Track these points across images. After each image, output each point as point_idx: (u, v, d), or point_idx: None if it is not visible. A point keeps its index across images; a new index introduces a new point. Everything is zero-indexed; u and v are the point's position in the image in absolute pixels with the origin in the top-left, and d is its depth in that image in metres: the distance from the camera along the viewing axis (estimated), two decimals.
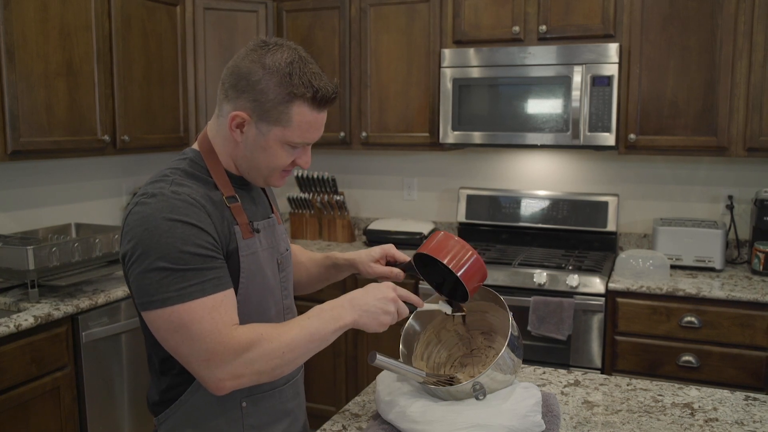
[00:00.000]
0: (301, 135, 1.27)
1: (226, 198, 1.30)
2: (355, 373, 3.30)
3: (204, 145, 1.34)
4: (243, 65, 1.25)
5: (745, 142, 2.79)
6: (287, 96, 1.23)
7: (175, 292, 1.15)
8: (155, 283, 1.16)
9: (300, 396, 1.48)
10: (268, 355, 1.18)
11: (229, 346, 1.16)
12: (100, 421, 2.54)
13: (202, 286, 1.17)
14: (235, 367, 1.16)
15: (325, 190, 3.69)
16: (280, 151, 1.28)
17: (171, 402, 1.33)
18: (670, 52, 2.85)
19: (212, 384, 1.17)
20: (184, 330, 1.16)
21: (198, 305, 1.16)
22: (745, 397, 1.61)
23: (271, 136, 1.26)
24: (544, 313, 2.79)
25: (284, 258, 1.43)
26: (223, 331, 1.16)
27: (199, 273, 1.17)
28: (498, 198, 3.46)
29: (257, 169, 1.31)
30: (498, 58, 3.04)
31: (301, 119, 1.26)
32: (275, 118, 1.25)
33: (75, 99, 2.73)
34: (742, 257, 3.13)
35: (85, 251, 2.63)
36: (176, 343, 1.17)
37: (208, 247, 1.20)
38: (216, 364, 1.16)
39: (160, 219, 1.17)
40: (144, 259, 1.16)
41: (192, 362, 1.17)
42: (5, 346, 2.18)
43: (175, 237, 1.16)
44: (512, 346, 1.35)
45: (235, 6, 3.40)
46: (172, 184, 1.24)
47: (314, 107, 1.26)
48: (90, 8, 2.76)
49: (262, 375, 1.20)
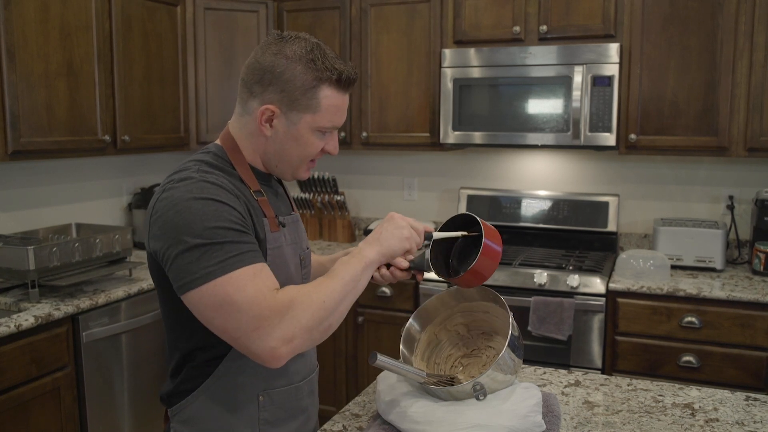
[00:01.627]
0: (331, 119, 1.30)
1: (253, 192, 1.30)
2: (356, 373, 3.30)
3: (227, 141, 1.34)
4: (264, 59, 1.27)
5: (746, 142, 2.79)
6: (314, 81, 1.25)
7: (216, 265, 1.14)
8: (195, 261, 1.15)
9: (315, 395, 1.49)
10: (311, 307, 1.17)
11: (275, 308, 1.15)
12: (100, 421, 2.54)
13: (241, 257, 1.17)
14: (285, 329, 1.15)
15: (325, 190, 3.69)
16: (311, 139, 1.30)
17: (186, 394, 1.32)
18: (670, 52, 2.85)
19: (267, 354, 1.15)
20: (229, 301, 1.14)
21: (240, 275, 1.15)
22: (746, 397, 1.61)
23: (302, 124, 1.28)
24: (544, 314, 2.79)
25: (306, 255, 1.45)
26: (268, 295, 1.16)
27: (236, 245, 1.17)
28: (498, 198, 3.46)
29: (288, 161, 1.33)
30: (498, 58, 3.04)
31: (329, 103, 1.28)
32: (305, 105, 1.26)
33: (75, 99, 2.73)
34: (742, 257, 3.13)
35: (86, 251, 2.63)
36: (223, 320, 1.15)
37: (241, 223, 1.20)
38: (266, 330, 1.14)
39: (190, 200, 1.18)
40: (179, 241, 1.16)
41: (241, 337, 1.15)
42: (5, 346, 2.18)
43: (207, 214, 1.16)
44: (513, 346, 1.35)
45: (235, 6, 3.40)
46: (199, 171, 1.24)
47: (340, 89, 1.29)
48: (90, 8, 2.76)
49: (313, 332, 1.18)
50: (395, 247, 1.32)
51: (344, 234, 3.71)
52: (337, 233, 3.72)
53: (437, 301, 1.57)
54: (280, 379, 1.36)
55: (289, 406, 1.39)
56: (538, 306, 2.80)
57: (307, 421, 1.45)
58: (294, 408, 1.40)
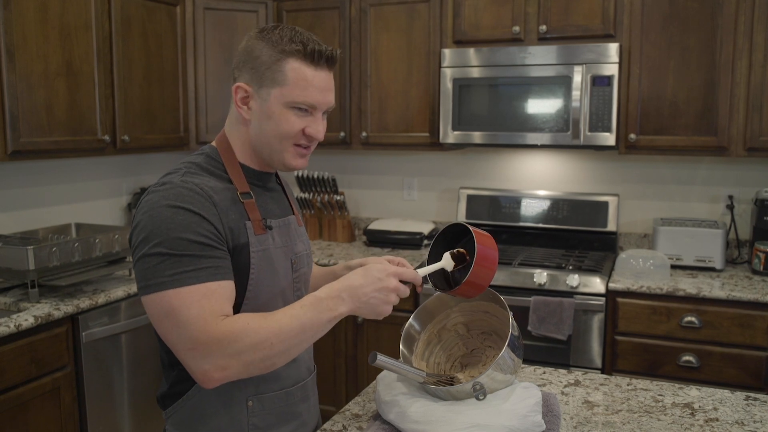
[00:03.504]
0: (301, 93, 1.27)
1: (240, 194, 1.30)
2: (356, 373, 3.30)
3: (222, 142, 1.35)
4: (241, 46, 1.32)
5: (746, 142, 2.79)
6: (279, 53, 1.26)
7: (169, 277, 1.16)
8: (152, 268, 1.17)
9: (310, 400, 1.46)
10: (256, 346, 1.16)
11: (214, 336, 1.14)
12: (100, 421, 2.54)
13: (197, 273, 1.17)
14: (219, 358, 1.14)
15: (325, 190, 3.69)
16: (286, 115, 1.28)
17: (179, 396, 1.33)
18: (670, 52, 2.85)
19: (199, 375, 1.16)
20: (173, 315, 1.15)
21: (189, 291, 1.16)
22: (746, 397, 1.61)
23: (272, 100, 1.27)
24: (544, 313, 2.79)
25: (299, 258, 1.41)
26: (209, 320, 1.15)
27: (195, 260, 1.17)
28: (498, 198, 3.46)
29: (269, 144, 1.31)
30: (498, 58, 3.04)
31: (297, 75, 1.26)
32: (271, 78, 1.27)
33: (75, 99, 2.73)
34: (742, 257, 3.13)
35: (85, 251, 2.63)
36: (166, 329, 1.17)
37: (208, 236, 1.20)
38: (200, 353, 1.14)
39: (163, 206, 1.19)
40: (145, 244, 1.18)
41: (179, 350, 1.17)
42: (5, 346, 2.18)
43: (175, 223, 1.18)
44: (512, 346, 1.35)
45: (235, 6, 3.40)
46: (184, 174, 1.26)
47: (309, 62, 1.27)
48: (90, 8, 2.76)
49: (251, 366, 1.17)
50: (373, 312, 1.24)
51: (344, 234, 3.71)
52: (336, 233, 3.72)
53: (437, 301, 1.56)
54: (271, 383, 1.35)
55: (280, 411, 1.37)
56: (537, 306, 2.80)
57: (301, 426, 1.43)
58: (285, 413, 1.38)
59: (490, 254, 1.36)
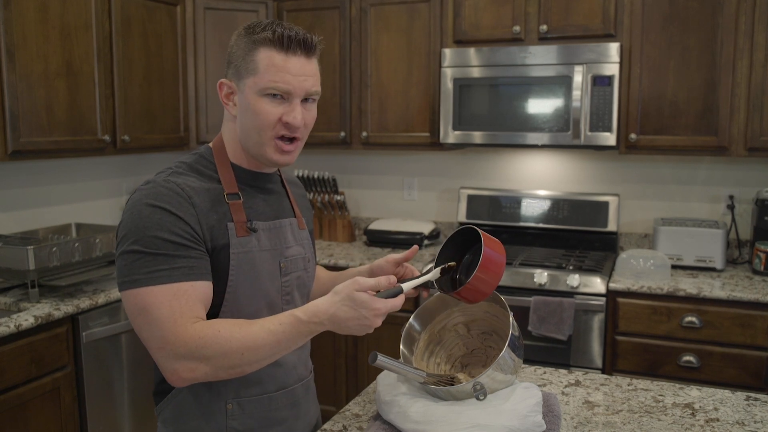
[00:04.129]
0: (272, 78, 1.25)
1: (227, 194, 1.30)
2: (356, 373, 3.30)
3: (217, 141, 1.37)
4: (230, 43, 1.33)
5: (746, 141, 2.79)
6: (251, 44, 1.27)
7: (143, 274, 1.18)
8: (128, 265, 1.19)
9: (298, 407, 1.43)
10: (226, 354, 1.16)
11: (183, 338, 1.16)
12: (100, 421, 2.54)
13: (170, 272, 1.18)
14: (188, 360, 1.16)
15: (325, 189, 3.69)
16: (261, 105, 1.26)
17: (165, 394, 1.35)
18: (670, 52, 2.85)
19: (168, 373, 1.18)
20: (145, 313, 1.17)
21: (161, 290, 1.17)
22: (746, 397, 1.61)
23: (247, 90, 1.27)
24: (544, 313, 2.78)
25: (290, 262, 1.39)
26: (179, 322, 1.16)
27: (170, 259, 1.18)
28: (498, 198, 3.46)
29: (251, 138, 1.30)
30: (498, 58, 3.04)
31: (268, 62, 1.25)
32: (245, 69, 1.27)
33: (75, 99, 2.73)
34: (743, 257, 3.13)
35: (86, 251, 2.63)
36: (139, 325, 1.19)
37: (184, 236, 1.21)
38: (168, 353, 1.16)
39: (142, 205, 1.21)
40: (124, 241, 1.21)
41: (150, 347, 1.19)
42: (5, 346, 2.18)
43: (152, 222, 1.19)
44: (513, 346, 1.35)
45: (235, 6, 3.40)
46: (171, 174, 1.27)
47: (280, 49, 1.25)
48: (90, 8, 2.76)
49: (219, 371, 1.18)
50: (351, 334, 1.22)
51: (344, 234, 3.71)
52: (336, 233, 3.72)
53: (437, 301, 1.56)
54: (252, 387, 1.34)
55: (261, 416, 1.36)
56: (538, 306, 2.79)
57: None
58: (267, 419, 1.36)
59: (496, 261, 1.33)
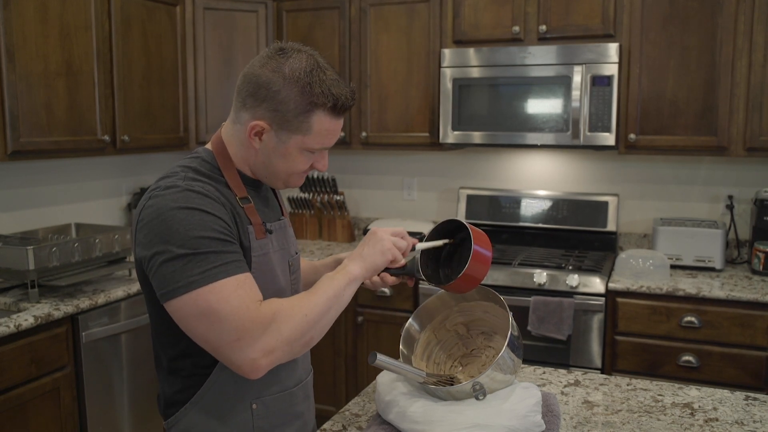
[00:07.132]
0: (321, 141, 1.30)
1: (240, 198, 1.30)
2: (355, 373, 3.30)
3: (218, 146, 1.33)
4: (262, 74, 1.25)
5: (745, 141, 2.79)
6: (308, 106, 1.24)
7: (199, 275, 1.15)
8: (178, 270, 1.15)
9: (310, 399, 1.48)
10: (293, 320, 1.18)
11: (257, 320, 1.16)
12: (100, 421, 2.54)
13: (225, 267, 1.17)
14: (266, 341, 1.16)
15: (325, 190, 3.69)
16: (299, 157, 1.30)
17: (181, 404, 1.32)
18: (670, 52, 2.85)
19: (247, 366, 1.16)
20: (211, 313, 1.15)
21: (223, 285, 1.16)
22: (745, 397, 1.61)
23: (291, 144, 1.28)
24: (544, 313, 2.79)
25: (295, 260, 1.44)
26: (251, 306, 1.17)
27: (220, 255, 1.18)
28: (498, 198, 3.46)
29: (275, 174, 1.33)
30: (498, 58, 3.04)
31: (321, 127, 1.27)
32: (296, 127, 1.26)
33: (75, 99, 2.73)
34: (742, 257, 3.13)
35: (85, 251, 2.63)
36: (204, 329, 1.16)
37: (225, 232, 1.20)
38: (246, 342, 1.15)
39: (175, 209, 1.18)
40: (164, 250, 1.16)
41: (222, 347, 1.16)
42: (5, 346, 2.18)
43: (191, 224, 1.17)
44: (512, 346, 1.35)
45: (235, 6, 3.40)
46: (185, 179, 1.24)
47: (334, 115, 1.28)
48: (90, 8, 2.76)
49: (294, 344, 1.19)
50: (378, 261, 1.33)
51: (344, 234, 3.71)
52: (336, 233, 3.72)
53: (437, 301, 1.57)
54: (274, 385, 1.35)
55: (284, 412, 1.38)
56: (537, 306, 2.80)
57: (304, 426, 1.44)
58: (289, 414, 1.39)
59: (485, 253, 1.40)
